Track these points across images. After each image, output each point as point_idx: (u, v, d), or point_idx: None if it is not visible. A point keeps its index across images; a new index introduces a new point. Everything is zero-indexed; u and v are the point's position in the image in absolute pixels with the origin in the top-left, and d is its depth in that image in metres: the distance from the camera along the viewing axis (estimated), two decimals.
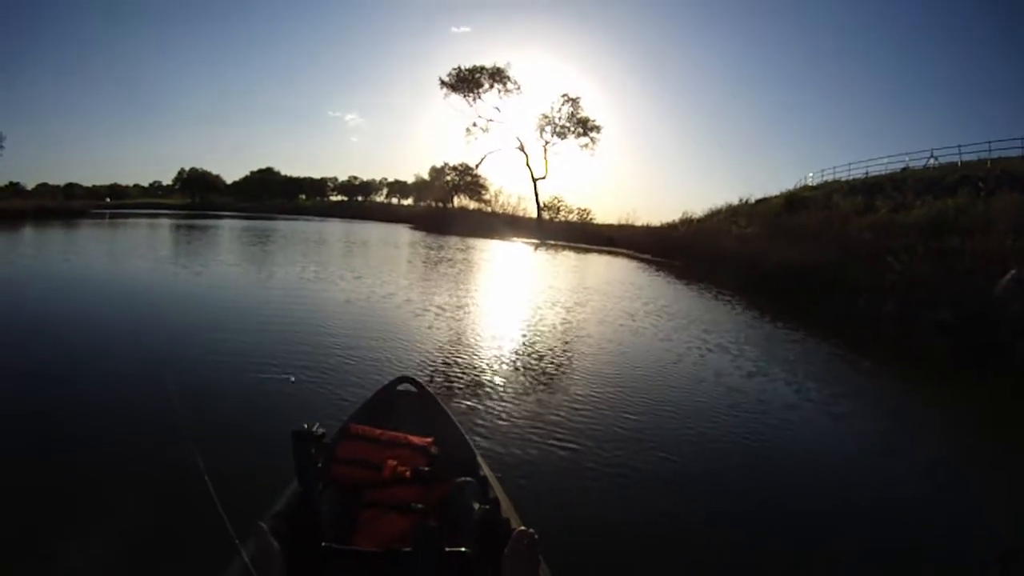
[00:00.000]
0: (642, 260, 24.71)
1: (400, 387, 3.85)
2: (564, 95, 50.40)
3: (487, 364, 7.82)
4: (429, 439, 2.98)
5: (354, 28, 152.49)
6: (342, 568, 2.19)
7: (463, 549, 2.13)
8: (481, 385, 6.86)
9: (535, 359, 8.20)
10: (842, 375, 8.53)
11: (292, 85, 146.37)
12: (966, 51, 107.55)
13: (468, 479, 2.69)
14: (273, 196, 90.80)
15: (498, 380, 7.09)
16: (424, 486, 2.64)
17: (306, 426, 2.36)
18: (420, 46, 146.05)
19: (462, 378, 7.13)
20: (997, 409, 7.45)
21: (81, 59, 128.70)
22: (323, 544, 2.20)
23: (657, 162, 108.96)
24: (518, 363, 7.95)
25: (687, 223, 29.32)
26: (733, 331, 10.64)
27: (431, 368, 7.47)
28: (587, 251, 30.12)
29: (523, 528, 2.10)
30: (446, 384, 6.84)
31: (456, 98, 50.65)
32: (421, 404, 3.71)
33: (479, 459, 3.19)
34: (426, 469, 2.71)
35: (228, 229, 38.99)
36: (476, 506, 2.49)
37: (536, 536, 2.04)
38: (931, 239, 14.04)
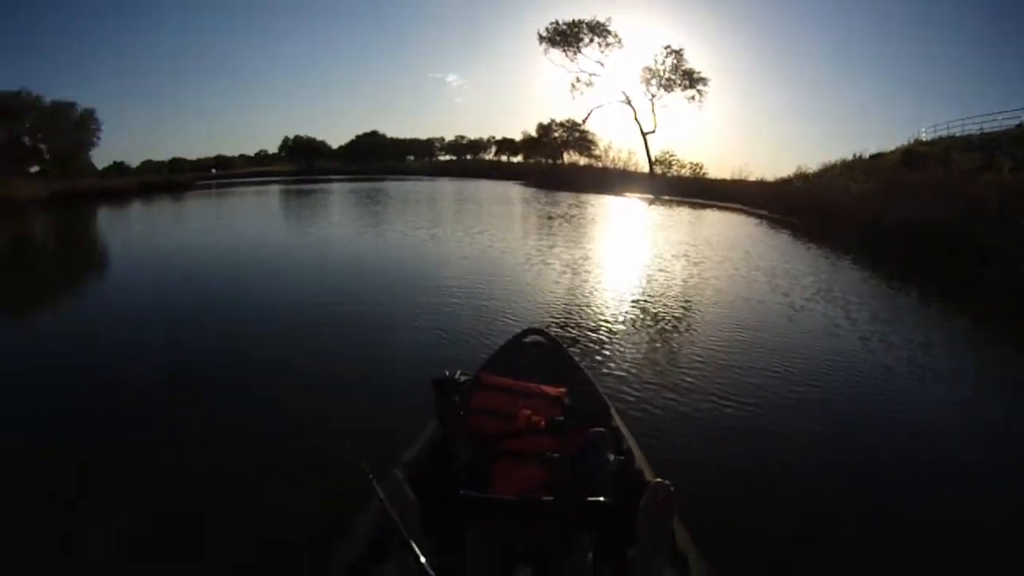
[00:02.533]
0: (758, 216, 24.43)
1: (528, 338, 3.90)
2: (667, 47, 49.87)
3: (613, 317, 8.02)
4: (562, 389, 3.00)
5: None
6: (479, 516, 2.22)
7: (602, 499, 2.12)
8: (607, 337, 7.06)
9: (661, 313, 8.34)
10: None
11: (390, 50, 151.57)
12: None
13: (602, 429, 2.67)
14: (381, 159, 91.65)
15: (624, 333, 7.30)
16: (558, 435, 2.65)
17: (447, 373, 2.49)
18: (524, 6, 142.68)
19: (588, 330, 7.33)
20: None
21: (183, 38, 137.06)
22: (461, 492, 2.23)
23: (765, 113, 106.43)
24: (644, 317, 8.11)
25: (801, 178, 28.96)
26: (865, 298, 9.91)
27: (557, 320, 7.71)
28: (702, 206, 29.67)
29: (660, 480, 2.10)
30: (573, 336, 7.04)
31: (556, 53, 50.56)
32: (550, 355, 3.74)
33: (611, 410, 3.22)
34: (560, 419, 2.72)
35: (338, 192, 40.35)
36: (611, 457, 2.48)
37: (672, 488, 2.05)
38: None
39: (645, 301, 9.11)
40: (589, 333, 7.26)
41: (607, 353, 6.51)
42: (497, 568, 1.97)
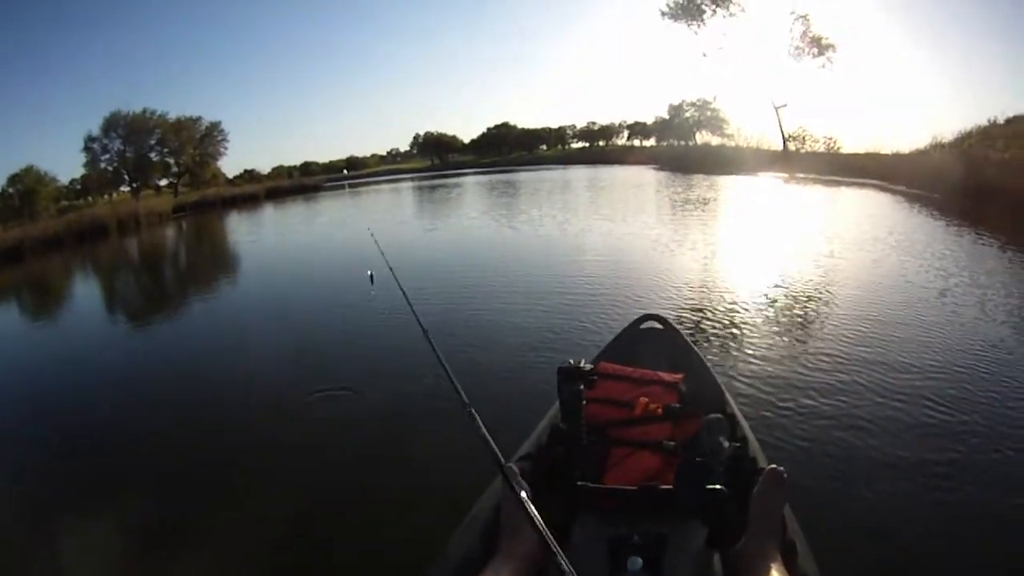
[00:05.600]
0: (896, 192, 23.51)
1: (644, 325, 3.92)
2: (793, 12, 47.36)
3: (740, 304, 8.05)
4: (679, 375, 3.01)
5: None
6: (597, 505, 2.25)
7: (719, 487, 2.10)
8: (732, 324, 7.13)
9: (789, 300, 8.32)
10: None
11: (511, 38, 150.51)
12: None
13: (718, 416, 2.61)
14: (513, 149, 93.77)
15: (750, 320, 7.33)
16: (675, 423, 2.66)
17: (571, 362, 2.48)
18: None
19: (711, 317, 7.43)
20: None
21: (299, 47, 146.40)
22: (579, 483, 2.28)
23: (895, 77, 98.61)
24: (773, 305, 8.09)
25: (937, 148, 27.63)
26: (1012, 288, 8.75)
27: (681, 306, 7.85)
28: (837, 183, 28.65)
29: (774, 466, 2.11)
30: (695, 321, 7.17)
31: (681, 27, 49.14)
32: (668, 341, 3.74)
33: (727, 396, 3.19)
34: (677, 406, 2.73)
35: (470, 185, 41.47)
36: (726, 444, 2.44)
37: (785, 475, 2.06)
38: None
39: (774, 287, 9.08)
40: (712, 317, 7.42)
41: (728, 338, 6.68)
42: (610, 557, 1.94)
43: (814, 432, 4.45)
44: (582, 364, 2.46)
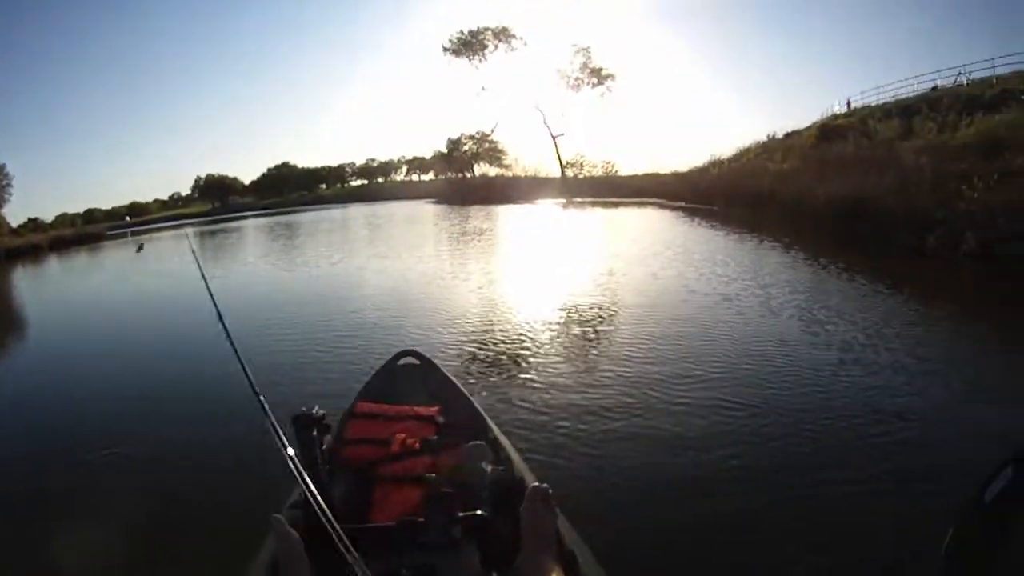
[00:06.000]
0: (675, 208, 24.17)
1: (402, 361, 3.89)
2: (574, 45, 49.25)
3: (509, 331, 7.88)
4: (435, 408, 3.06)
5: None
6: (365, 546, 2.13)
7: (478, 512, 2.15)
8: (499, 351, 6.99)
9: (565, 325, 8.08)
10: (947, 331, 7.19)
11: (296, 76, 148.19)
12: None
13: (478, 442, 2.65)
14: (293, 190, 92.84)
15: (519, 345, 7.17)
16: (434, 455, 2.65)
17: (304, 409, 2.40)
18: (424, 16, 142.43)
19: (478, 346, 7.26)
20: None
21: (86, 86, 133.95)
22: (342, 525, 2.13)
23: (675, 105, 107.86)
24: (544, 329, 7.87)
25: (717, 165, 28.67)
26: (796, 285, 9.38)
27: (446, 338, 7.66)
28: (616, 205, 29.62)
29: (536, 484, 2.11)
30: (458, 353, 6.97)
31: (461, 63, 49.80)
32: (425, 375, 3.74)
33: (488, 422, 3.20)
34: (434, 438, 2.75)
35: (253, 228, 40.66)
36: (488, 468, 2.49)
37: (550, 490, 2.05)
38: (992, 159, 12.78)
39: (546, 312, 8.81)
40: (478, 349, 7.17)
41: (494, 368, 6.44)
42: None
43: (590, 445, 4.40)
44: (314, 411, 2.38)
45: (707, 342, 6.60)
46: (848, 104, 29.88)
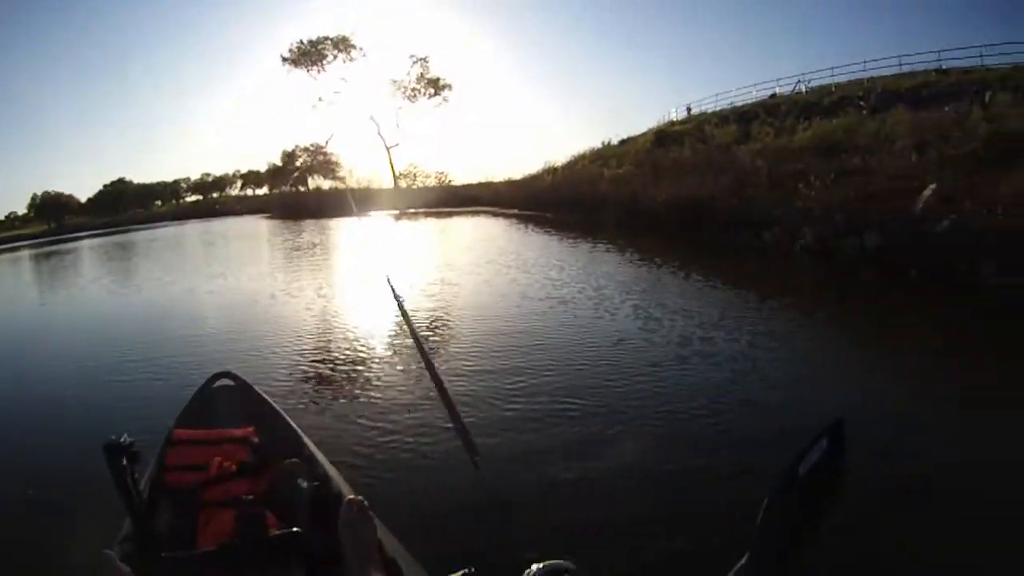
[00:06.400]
0: (509, 216, 23.85)
1: (217, 383, 3.66)
2: (412, 55, 47.94)
3: (330, 347, 7.67)
4: (250, 429, 2.90)
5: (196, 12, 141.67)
6: (187, 574, 2.17)
7: (294, 529, 2.09)
8: (319, 369, 6.76)
9: (393, 337, 7.88)
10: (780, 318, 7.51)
11: (136, 85, 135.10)
12: None
13: (294, 460, 2.58)
14: (129, 207, 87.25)
15: (340, 360, 6.97)
16: (252, 476, 2.55)
17: (114, 438, 2.17)
18: (274, 22, 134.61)
19: (297, 365, 6.97)
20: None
21: None
22: (163, 555, 2.18)
23: (512, 115, 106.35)
24: (370, 341, 7.72)
25: (551, 172, 28.31)
26: (632, 286, 9.35)
27: (267, 357, 7.31)
28: (449, 214, 29.24)
29: (352, 496, 2.15)
30: (276, 372, 6.62)
31: (300, 73, 47.73)
32: (241, 396, 3.54)
33: (304, 439, 3.09)
34: (251, 459, 2.65)
35: (88, 249, 37.59)
36: (304, 485, 2.43)
37: (365, 502, 2.08)
38: (829, 160, 13.15)
39: (371, 324, 8.66)
40: (297, 368, 6.85)
41: (314, 385, 6.15)
42: None
43: (416, 456, 4.31)
44: (123, 439, 2.12)
45: (542, 347, 6.50)
46: (688, 110, 30.42)
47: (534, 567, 1.39)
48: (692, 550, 3.05)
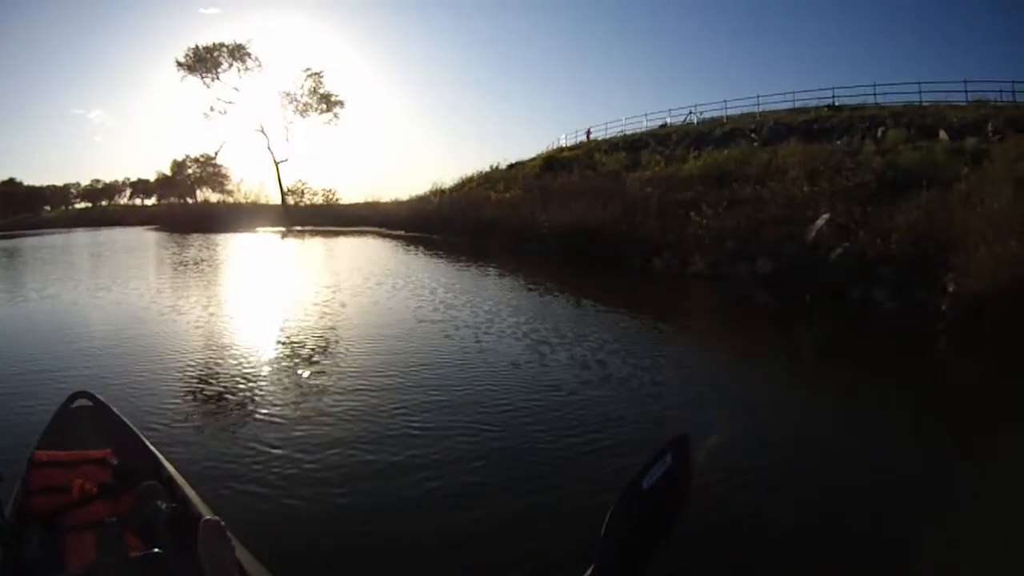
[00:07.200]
0: (396, 237, 23.35)
1: (76, 404, 3.49)
2: (306, 69, 46.51)
3: (196, 367, 7.31)
4: (108, 450, 2.85)
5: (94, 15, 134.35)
6: None
7: (155, 550, 2.08)
8: (184, 388, 6.46)
9: (272, 357, 7.61)
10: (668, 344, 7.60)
11: (29, 82, 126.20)
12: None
13: (152, 482, 2.56)
14: (17, 210, 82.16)
15: (219, 380, 6.66)
16: (113, 498, 2.50)
17: None
18: (165, 31, 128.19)
19: (160, 386, 6.59)
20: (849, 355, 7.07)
21: None
22: None
23: (402, 136, 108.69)
24: (237, 363, 7.35)
25: (438, 194, 28.01)
26: (521, 310, 9.32)
27: (134, 377, 6.87)
28: (336, 234, 28.50)
29: (208, 518, 2.09)
30: (138, 393, 6.22)
31: (193, 80, 45.24)
32: (100, 417, 3.41)
33: (163, 460, 3.02)
34: (111, 481, 2.59)
35: None
36: (163, 506, 2.37)
37: (222, 523, 2.05)
38: (721, 189, 13.21)
39: (254, 342, 8.40)
40: (158, 389, 6.32)
41: (176, 406, 5.73)
42: None
43: (289, 479, 4.11)
44: None
45: (425, 368, 6.48)
46: (588, 134, 30.27)
47: None
48: (537, 561, 3.05)
